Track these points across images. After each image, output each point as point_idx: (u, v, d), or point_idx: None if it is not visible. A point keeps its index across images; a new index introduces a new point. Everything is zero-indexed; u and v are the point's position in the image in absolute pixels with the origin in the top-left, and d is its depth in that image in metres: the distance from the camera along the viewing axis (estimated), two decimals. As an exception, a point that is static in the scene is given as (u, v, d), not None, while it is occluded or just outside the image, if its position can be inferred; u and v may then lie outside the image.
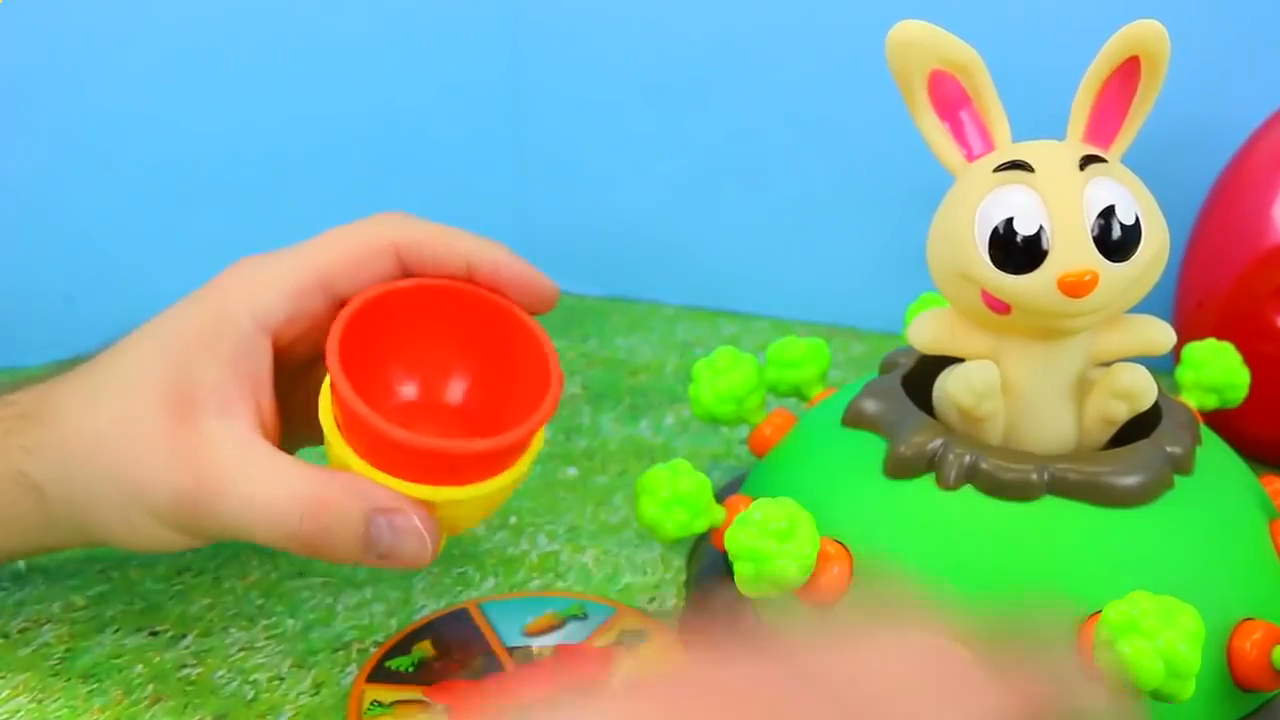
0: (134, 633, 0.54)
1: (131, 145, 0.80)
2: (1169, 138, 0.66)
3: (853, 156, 0.86)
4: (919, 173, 0.52)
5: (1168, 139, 0.65)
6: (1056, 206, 0.46)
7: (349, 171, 0.88)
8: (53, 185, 0.79)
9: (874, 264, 0.87)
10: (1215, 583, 0.47)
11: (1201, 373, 0.60)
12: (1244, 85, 0.73)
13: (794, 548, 0.45)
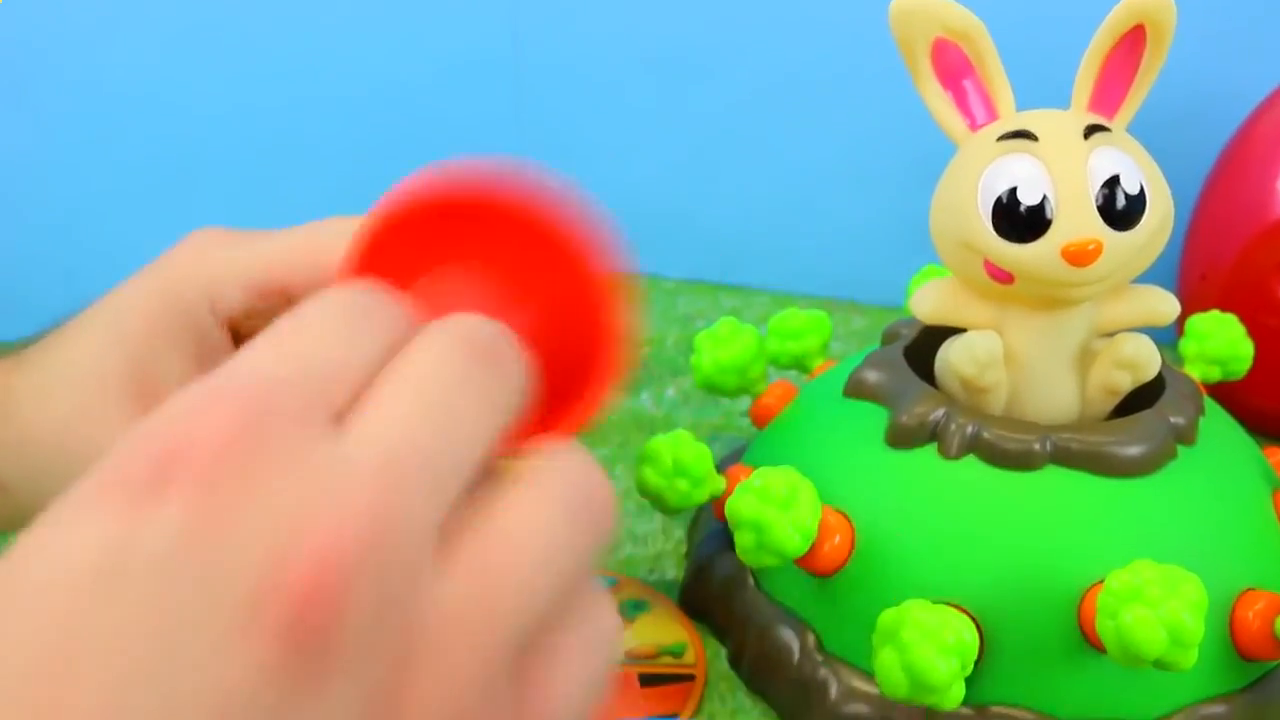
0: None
1: (133, 122, 0.80)
2: (1174, 110, 0.65)
3: (854, 129, 0.86)
4: (921, 145, 0.52)
5: (1172, 112, 0.64)
6: (1060, 175, 0.45)
7: (350, 149, 0.88)
8: (54, 161, 0.79)
9: (876, 237, 0.86)
10: (1218, 553, 0.47)
11: (1205, 345, 0.60)
12: (1249, 58, 0.72)
13: (795, 517, 0.45)
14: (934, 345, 0.52)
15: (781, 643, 0.50)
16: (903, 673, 0.41)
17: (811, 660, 0.49)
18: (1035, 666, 0.45)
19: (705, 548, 0.56)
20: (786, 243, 0.90)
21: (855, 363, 0.54)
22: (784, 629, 0.50)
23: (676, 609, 0.55)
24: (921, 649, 0.41)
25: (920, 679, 0.41)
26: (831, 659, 0.48)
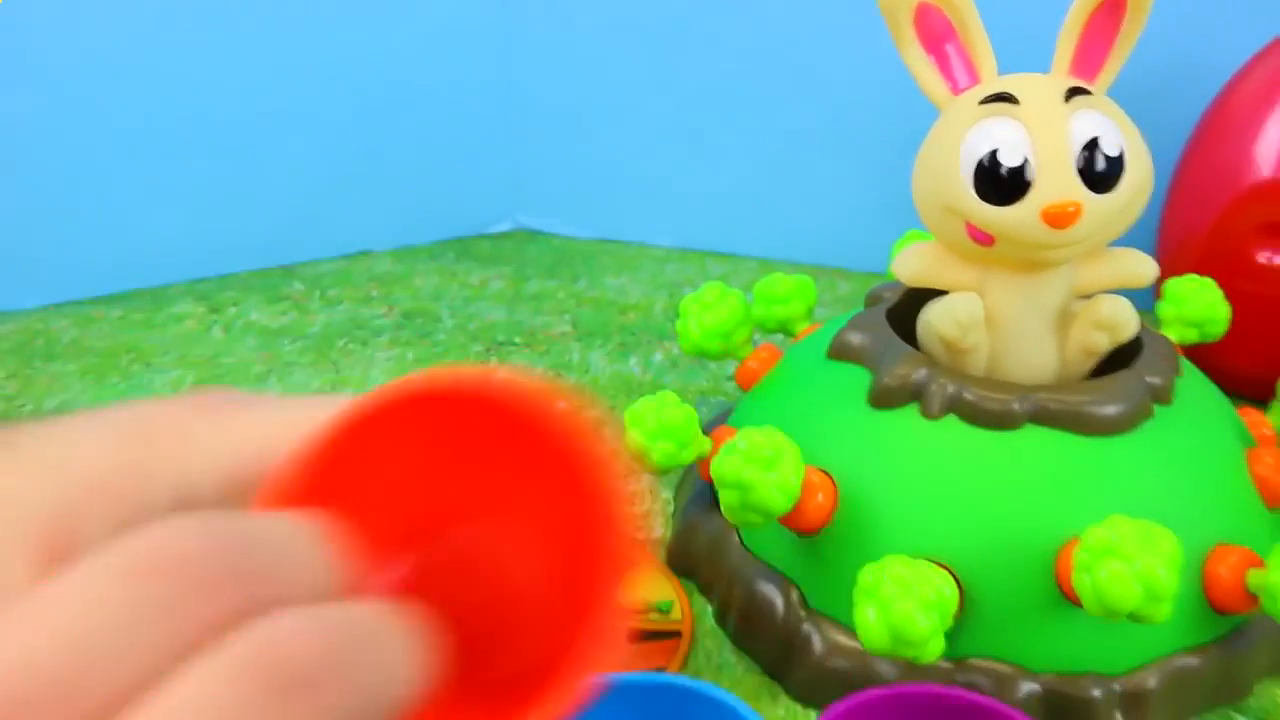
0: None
1: (126, 91, 0.80)
2: (1153, 80, 0.66)
3: (838, 100, 0.85)
4: (904, 116, 0.52)
5: (1151, 81, 0.64)
6: (1041, 138, 0.46)
7: (343, 118, 0.88)
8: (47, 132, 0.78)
9: (860, 205, 0.86)
10: (1192, 509, 0.47)
11: (1183, 308, 0.60)
12: (1226, 28, 0.72)
13: (779, 476, 0.45)
14: (916, 308, 0.52)
15: (765, 599, 0.50)
16: (884, 627, 0.42)
17: (795, 616, 0.49)
18: (1013, 620, 0.46)
19: (691, 507, 0.56)
20: (773, 211, 0.90)
21: (839, 325, 0.54)
22: (768, 585, 0.50)
23: (663, 567, 0.55)
24: (902, 604, 0.41)
25: (901, 633, 0.42)
26: (814, 615, 0.49)
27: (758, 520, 0.45)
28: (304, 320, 0.81)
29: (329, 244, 0.91)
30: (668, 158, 0.92)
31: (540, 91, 0.92)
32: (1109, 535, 0.41)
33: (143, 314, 0.81)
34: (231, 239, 0.87)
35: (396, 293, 0.86)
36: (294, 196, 0.88)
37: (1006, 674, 0.46)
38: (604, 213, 0.95)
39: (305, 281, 0.87)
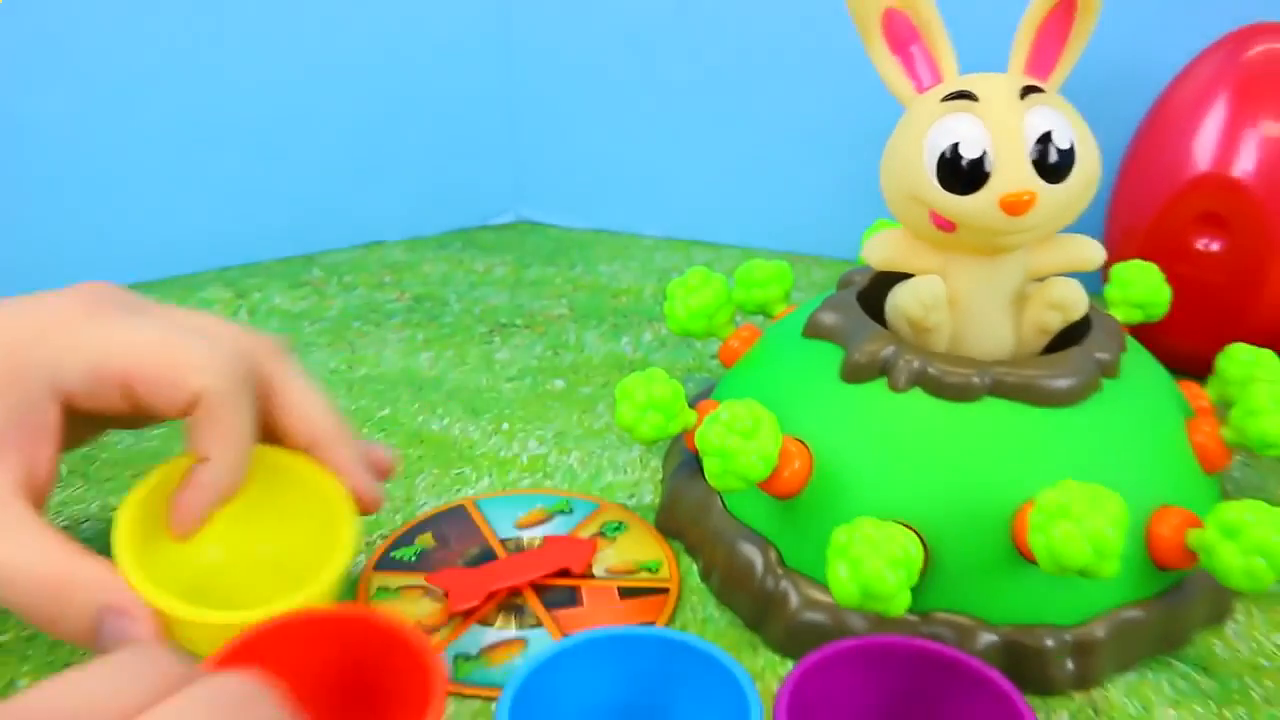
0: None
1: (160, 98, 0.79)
2: (1100, 81, 0.65)
3: (813, 101, 0.85)
4: (873, 115, 0.52)
5: (1099, 82, 0.64)
6: (998, 132, 0.45)
7: (359, 121, 0.87)
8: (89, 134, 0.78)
9: (832, 198, 0.86)
10: (1137, 474, 0.47)
11: (1128, 290, 0.60)
12: (1167, 35, 0.72)
13: (758, 445, 0.45)
14: (884, 291, 0.51)
15: (746, 559, 0.50)
16: (854, 583, 0.42)
17: (773, 574, 0.49)
18: (973, 577, 0.45)
19: (678, 475, 0.56)
20: (753, 202, 0.90)
21: (813, 307, 0.54)
22: (748, 546, 0.50)
23: (652, 529, 0.55)
24: (871, 562, 0.41)
25: (870, 589, 0.41)
26: (791, 573, 0.49)
27: (738, 486, 0.45)
28: (323, 304, 0.81)
29: (345, 234, 0.90)
30: (656, 155, 0.91)
31: (539, 97, 0.92)
32: (1061, 498, 0.41)
33: (176, 298, 0.81)
34: (257, 230, 0.87)
35: (407, 279, 0.85)
36: (314, 191, 0.87)
37: (967, 625, 0.46)
38: (598, 206, 0.94)
39: (324, 269, 0.86)
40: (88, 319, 0.41)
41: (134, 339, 0.41)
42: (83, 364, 0.41)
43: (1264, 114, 0.65)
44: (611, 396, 0.67)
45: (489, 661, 0.47)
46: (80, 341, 0.41)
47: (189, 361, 0.41)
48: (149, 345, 0.41)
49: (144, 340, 0.41)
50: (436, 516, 0.56)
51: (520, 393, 0.69)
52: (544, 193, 0.96)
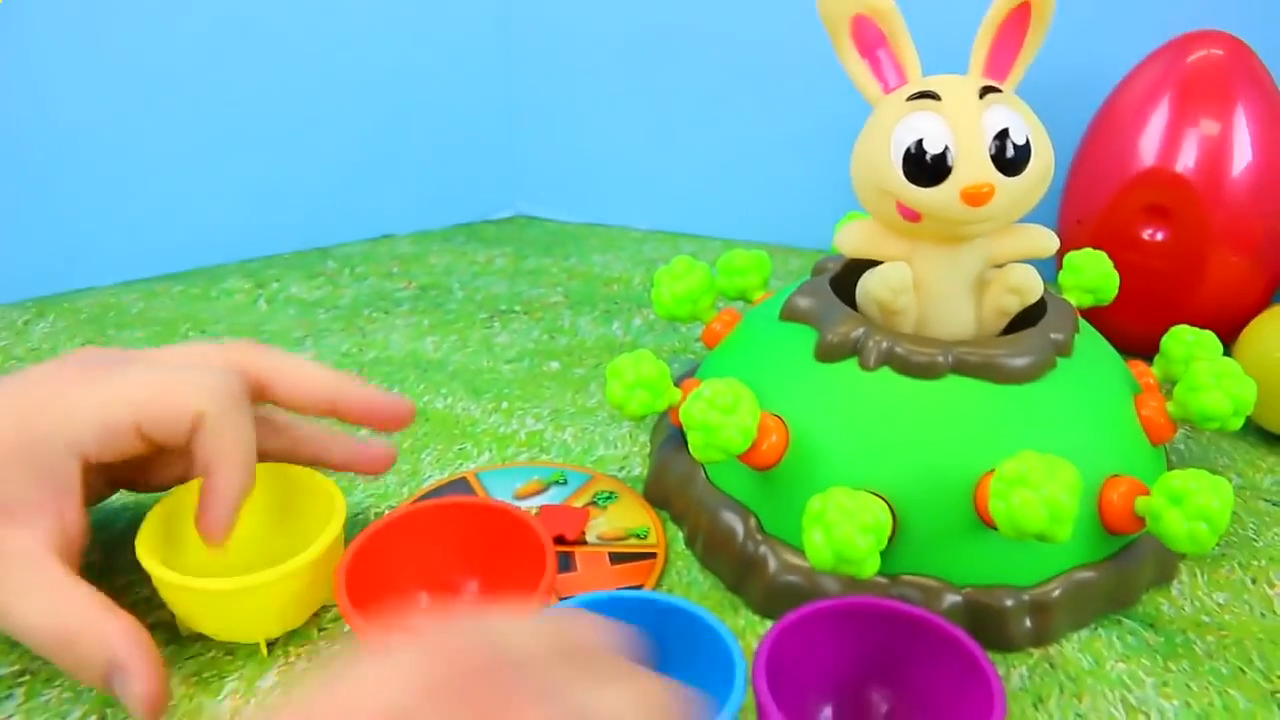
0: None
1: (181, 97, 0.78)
2: (1053, 83, 0.64)
3: (790, 104, 0.84)
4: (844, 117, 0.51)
5: (1052, 85, 0.63)
6: (960, 129, 0.45)
7: (370, 123, 0.86)
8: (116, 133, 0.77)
9: (807, 193, 0.85)
10: (1090, 445, 0.46)
11: (1080, 276, 0.59)
12: (1115, 39, 0.71)
13: (738, 420, 0.44)
14: (855, 277, 0.51)
15: (728, 526, 0.49)
16: (828, 548, 0.41)
17: (753, 540, 0.48)
18: (939, 542, 0.45)
19: (665, 448, 0.55)
20: (735, 197, 0.89)
21: (789, 292, 0.53)
22: (730, 514, 0.49)
23: (641, 499, 0.55)
24: (844, 528, 0.41)
25: (843, 553, 0.41)
26: (769, 539, 0.48)
27: (720, 458, 0.44)
28: (336, 293, 0.80)
29: (357, 228, 0.89)
30: (646, 155, 0.91)
31: (536, 102, 0.91)
32: (1019, 467, 0.40)
33: (199, 289, 0.80)
34: (275, 225, 0.86)
35: (414, 269, 0.84)
36: (328, 189, 0.87)
37: (933, 587, 0.45)
38: (591, 201, 0.94)
39: (337, 260, 0.86)
40: (85, 381, 0.43)
41: (131, 385, 0.43)
42: (93, 420, 0.42)
43: (1203, 114, 0.65)
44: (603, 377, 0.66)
45: (490, 622, 0.46)
46: (85, 401, 0.42)
47: (183, 391, 0.43)
48: (146, 387, 0.43)
49: (140, 384, 0.43)
50: (441, 488, 0.55)
51: (518, 374, 0.68)
52: (541, 189, 0.95)
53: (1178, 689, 0.44)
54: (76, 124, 0.75)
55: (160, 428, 0.42)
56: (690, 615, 0.39)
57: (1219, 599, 0.49)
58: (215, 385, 0.43)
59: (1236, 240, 0.65)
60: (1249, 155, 0.64)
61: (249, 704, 0.43)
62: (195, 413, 0.42)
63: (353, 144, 0.86)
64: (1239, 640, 0.47)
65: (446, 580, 0.46)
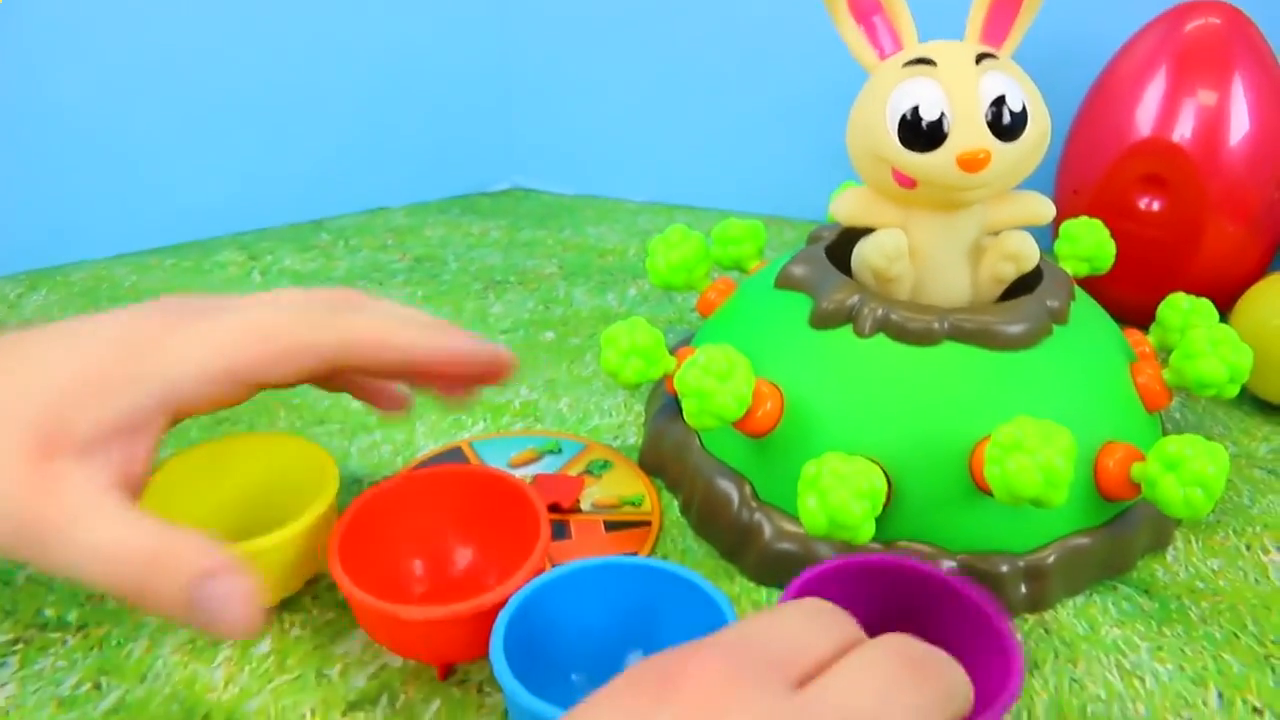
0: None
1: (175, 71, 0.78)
2: (1050, 52, 0.64)
3: (786, 75, 0.84)
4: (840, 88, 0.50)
5: (1049, 54, 0.63)
6: (956, 95, 0.44)
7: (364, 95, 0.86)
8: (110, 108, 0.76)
9: (803, 164, 0.85)
10: (1085, 412, 0.46)
11: (1076, 245, 0.59)
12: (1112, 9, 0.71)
13: (732, 386, 0.44)
14: (850, 246, 0.50)
15: (723, 493, 0.49)
16: (823, 513, 0.41)
17: (748, 507, 0.48)
18: (934, 508, 0.45)
19: (660, 417, 0.55)
20: (730, 168, 0.89)
21: (784, 260, 0.53)
22: (725, 482, 0.49)
23: (636, 467, 0.54)
24: (838, 493, 0.41)
25: (837, 518, 0.41)
26: (764, 506, 0.48)
27: (714, 424, 0.44)
28: (330, 265, 0.79)
29: (351, 201, 0.89)
30: (641, 126, 0.90)
31: (532, 75, 0.91)
32: (1015, 433, 0.40)
33: (192, 261, 0.80)
34: (268, 198, 0.86)
35: (409, 242, 0.84)
36: (322, 161, 0.86)
37: (928, 553, 0.45)
38: (587, 173, 0.93)
39: (331, 233, 0.85)
40: (185, 327, 0.40)
41: (231, 333, 0.40)
42: (195, 371, 0.39)
43: (1201, 84, 0.64)
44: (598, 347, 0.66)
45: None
46: (187, 352, 0.39)
47: (279, 331, 0.40)
48: (256, 336, 0.40)
49: (241, 329, 0.40)
50: (435, 457, 0.55)
51: (513, 344, 0.68)
52: (537, 162, 0.95)
53: (1172, 653, 0.44)
54: (70, 98, 0.75)
55: (269, 371, 0.40)
56: (688, 582, 0.39)
57: (1213, 565, 0.49)
58: (315, 314, 0.41)
59: (1233, 210, 0.65)
60: (1246, 125, 0.64)
61: (243, 672, 0.43)
62: (309, 346, 0.40)
63: (347, 117, 0.86)
64: (1233, 605, 0.47)
65: (441, 548, 0.46)
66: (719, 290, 0.59)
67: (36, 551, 0.36)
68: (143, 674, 0.43)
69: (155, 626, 0.45)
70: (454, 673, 0.42)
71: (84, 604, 0.46)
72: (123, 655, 0.44)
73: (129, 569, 0.36)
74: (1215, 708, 0.42)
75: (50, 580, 0.48)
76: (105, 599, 0.47)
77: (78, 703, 0.41)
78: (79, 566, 0.36)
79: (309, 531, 0.43)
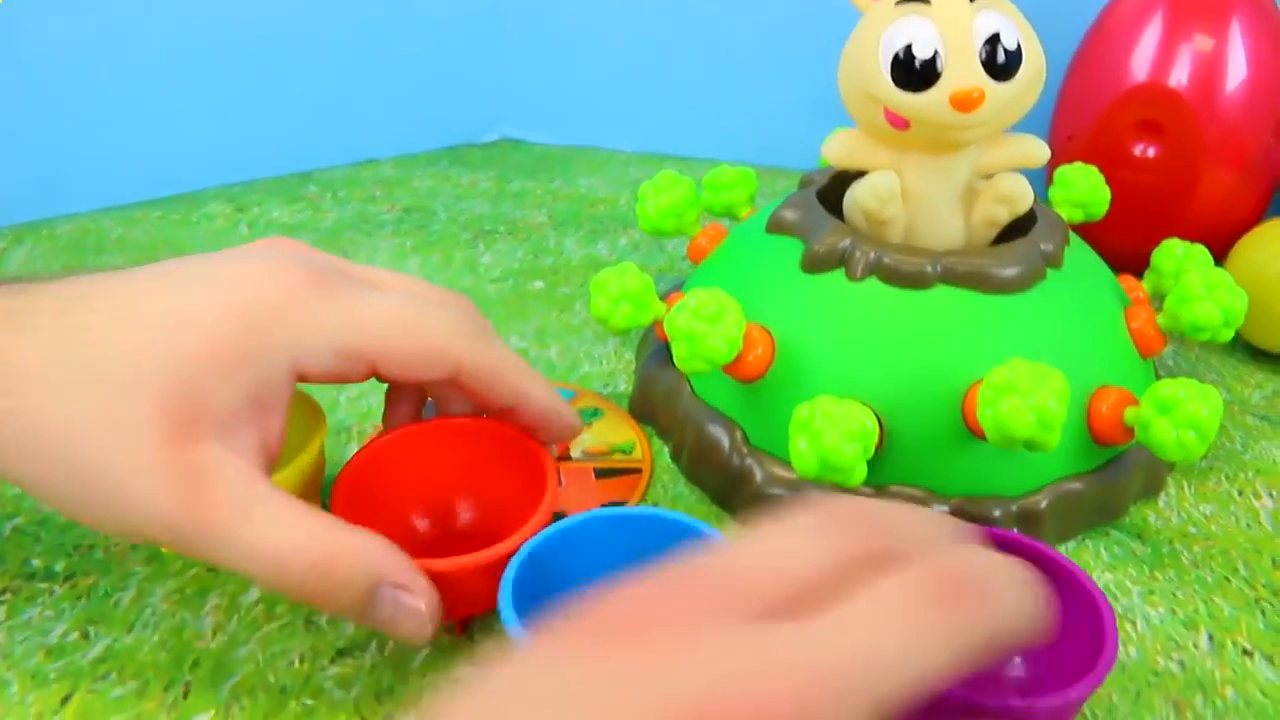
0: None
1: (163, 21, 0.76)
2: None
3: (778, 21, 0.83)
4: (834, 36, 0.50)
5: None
6: (949, 33, 0.44)
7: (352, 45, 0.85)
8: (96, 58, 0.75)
9: (796, 113, 0.84)
10: (1079, 356, 0.46)
11: (1070, 191, 0.58)
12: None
13: (723, 329, 0.43)
14: (842, 190, 0.50)
15: (713, 439, 0.49)
16: (814, 455, 0.41)
17: (739, 453, 0.48)
18: (926, 452, 0.45)
19: (650, 363, 0.54)
20: (721, 119, 0.88)
21: (776, 205, 0.52)
22: (715, 428, 0.49)
23: (626, 414, 0.54)
24: (830, 435, 0.40)
25: (828, 460, 0.40)
26: (755, 451, 0.48)
27: (705, 368, 0.44)
28: (318, 217, 0.79)
29: (339, 153, 0.88)
30: (631, 76, 0.89)
31: (522, 23, 0.90)
32: (1008, 375, 0.40)
33: (179, 214, 0.79)
34: (256, 149, 0.84)
35: (397, 193, 0.83)
36: (310, 112, 0.85)
37: (921, 497, 0.45)
38: (577, 124, 0.92)
39: (319, 184, 0.84)
40: (321, 295, 0.37)
41: (371, 313, 0.38)
42: (327, 345, 0.36)
43: (1197, 28, 0.64)
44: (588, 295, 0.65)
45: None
46: (321, 322, 0.36)
47: (433, 330, 0.38)
48: (388, 318, 0.38)
49: (382, 314, 0.38)
50: (425, 407, 0.55)
51: (503, 293, 0.67)
52: (527, 112, 0.94)
53: (1164, 597, 0.44)
54: (53, 49, 0.73)
55: (406, 367, 0.38)
56: (678, 524, 0.39)
57: (1205, 510, 0.49)
58: (464, 326, 0.39)
59: (1229, 156, 0.64)
60: (1243, 70, 0.63)
61: (231, 620, 0.43)
62: (448, 355, 0.38)
63: (334, 67, 0.84)
64: (1224, 550, 0.47)
65: (443, 501, 0.44)
66: (710, 236, 0.58)
67: (197, 551, 0.34)
68: (130, 623, 0.43)
69: (143, 576, 0.45)
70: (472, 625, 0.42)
71: (72, 554, 0.46)
72: (110, 604, 0.44)
73: (301, 572, 0.34)
74: (1206, 650, 0.42)
75: (37, 531, 0.47)
76: (94, 549, 0.46)
77: (66, 651, 0.41)
78: (246, 569, 0.34)
79: (297, 478, 0.42)
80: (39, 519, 0.48)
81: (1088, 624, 0.35)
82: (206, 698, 0.39)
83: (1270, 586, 0.45)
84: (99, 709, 0.39)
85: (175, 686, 0.40)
